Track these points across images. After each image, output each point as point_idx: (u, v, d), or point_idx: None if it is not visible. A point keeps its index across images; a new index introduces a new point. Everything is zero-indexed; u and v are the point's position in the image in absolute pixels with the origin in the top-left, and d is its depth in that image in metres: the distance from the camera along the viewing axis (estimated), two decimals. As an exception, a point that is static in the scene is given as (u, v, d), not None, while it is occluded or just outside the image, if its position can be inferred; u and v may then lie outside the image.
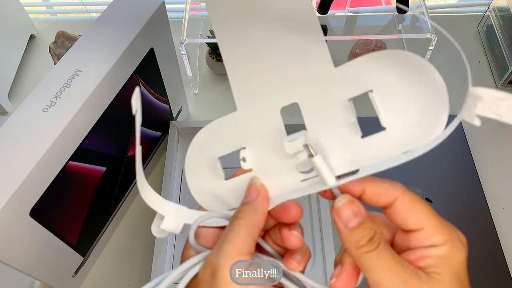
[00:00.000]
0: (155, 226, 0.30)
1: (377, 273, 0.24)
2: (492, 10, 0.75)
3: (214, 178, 0.31)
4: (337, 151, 0.27)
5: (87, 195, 0.48)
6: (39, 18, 0.89)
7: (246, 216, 0.27)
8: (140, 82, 0.50)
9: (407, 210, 0.26)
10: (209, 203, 0.31)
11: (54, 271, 0.47)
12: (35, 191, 0.39)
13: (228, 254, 0.25)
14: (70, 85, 0.41)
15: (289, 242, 0.28)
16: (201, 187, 0.31)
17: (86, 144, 0.43)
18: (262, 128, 0.29)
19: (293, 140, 0.27)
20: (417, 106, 0.25)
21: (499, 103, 0.22)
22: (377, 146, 0.27)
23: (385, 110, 0.26)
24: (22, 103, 0.40)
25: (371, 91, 0.26)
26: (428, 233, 0.25)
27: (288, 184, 0.29)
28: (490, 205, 0.57)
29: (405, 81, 0.25)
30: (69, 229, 0.47)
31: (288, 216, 0.28)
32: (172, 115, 0.62)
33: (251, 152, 0.29)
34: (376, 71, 0.26)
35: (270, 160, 0.29)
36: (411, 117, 0.26)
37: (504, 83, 0.71)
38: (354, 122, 0.27)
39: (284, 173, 0.29)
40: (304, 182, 0.29)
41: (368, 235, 0.25)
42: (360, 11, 0.86)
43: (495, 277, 0.52)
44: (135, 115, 0.25)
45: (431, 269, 0.24)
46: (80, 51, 0.44)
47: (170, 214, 0.30)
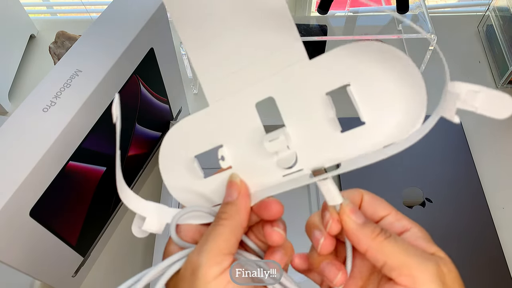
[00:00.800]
0: (136, 227, 0.30)
1: (401, 256, 0.25)
2: (492, 10, 0.75)
3: (193, 177, 0.30)
4: (316, 146, 0.27)
5: (87, 195, 0.48)
6: (39, 18, 0.89)
7: (228, 217, 0.27)
8: (140, 82, 0.50)
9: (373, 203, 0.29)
10: (190, 201, 0.31)
11: (54, 271, 0.47)
12: (35, 191, 0.39)
13: (209, 253, 0.25)
14: (70, 85, 0.41)
15: (271, 239, 0.28)
16: (180, 186, 0.30)
17: (86, 144, 0.43)
18: (238, 124, 0.28)
19: (274, 139, 0.27)
20: (395, 100, 0.25)
21: (474, 95, 0.22)
22: (357, 141, 0.26)
23: (364, 105, 0.26)
24: (22, 103, 0.40)
25: (349, 85, 0.26)
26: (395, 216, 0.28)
27: (269, 180, 0.29)
28: (490, 205, 0.57)
29: (382, 74, 0.25)
30: (69, 229, 0.47)
31: (268, 213, 0.28)
32: (172, 115, 0.62)
33: (229, 149, 0.29)
34: (353, 63, 0.25)
35: (249, 156, 0.29)
36: (390, 111, 0.25)
37: (504, 83, 0.71)
38: (333, 117, 0.27)
39: (265, 169, 0.29)
40: (285, 178, 0.28)
41: (378, 226, 0.26)
42: (360, 11, 0.86)
43: (495, 277, 0.52)
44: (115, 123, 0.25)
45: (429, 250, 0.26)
46: (80, 51, 0.44)
47: (151, 215, 0.30)
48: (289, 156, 0.28)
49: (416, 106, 0.25)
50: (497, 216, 0.57)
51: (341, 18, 0.81)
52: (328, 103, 0.27)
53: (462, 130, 0.64)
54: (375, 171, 0.60)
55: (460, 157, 0.62)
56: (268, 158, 0.28)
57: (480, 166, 0.61)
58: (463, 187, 0.59)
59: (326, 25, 0.69)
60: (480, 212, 0.57)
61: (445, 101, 0.23)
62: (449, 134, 0.64)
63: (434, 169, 0.60)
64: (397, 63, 0.24)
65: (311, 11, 0.86)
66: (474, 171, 0.60)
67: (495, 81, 0.73)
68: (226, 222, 0.27)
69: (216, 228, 0.27)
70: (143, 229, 0.30)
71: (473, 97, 0.22)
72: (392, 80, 0.25)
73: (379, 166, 0.60)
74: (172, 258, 0.28)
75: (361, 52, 0.25)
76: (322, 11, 0.68)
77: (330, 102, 0.27)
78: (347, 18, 0.80)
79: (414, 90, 0.24)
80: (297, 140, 0.28)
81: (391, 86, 0.25)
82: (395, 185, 0.58)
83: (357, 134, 0.26)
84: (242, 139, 0.29)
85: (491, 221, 0.56)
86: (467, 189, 0.59)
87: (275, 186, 0.29)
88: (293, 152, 0.28)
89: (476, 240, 0.54)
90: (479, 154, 0.63)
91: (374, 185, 0.58)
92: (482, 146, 0.64)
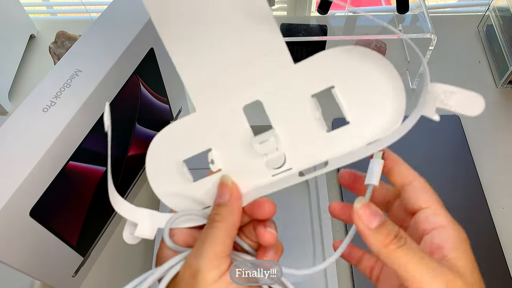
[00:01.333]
0: (128, 233, 0.30)
1: (411, 267, 0.24)
2: (492, 10, 0.75)
3: (182, 181, 0.30)
4: (304, 146, 0.28)
5: (87, 195, 0.48)
6: (39, 18, 0.89)
7: (222, 219, 0.28)
8: (140, 82, 0.50)
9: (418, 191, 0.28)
10: (180, 205, 0.31)
11: (54, 271, 0.47)
12: (35, 191, 0.39)
13: (207, 257, 0.26)
14: (70, 85, 0.41)
15: (263, 239, 0.28)
16: (169, 191, 0.31)
17: (86, 144, 0.43)
18: (226, 127, 0.29)
19: (264, 141, 0.28)
20: (376, 100, 0.27)
21: (450, 96, 0.24)
22: (343, 139, 0.28)
23: (348, 105, 0.27)
24: (22, 103, 0.40)
25: (333, 87, 0.27)
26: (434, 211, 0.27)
27: (259, 181, 0.29)
28: (490, 205, 0.57)
29: (363, 76, 0.26)
30: (69, 229, 0.47)
31: (262, 212, 0.29)
32: (172, 115, 0.62)
33: (218, 152, 0.29)
34: (336, 67, 0.27)
35: (238, 159, 0.29)
36: (372, 111, 0.27)
37: (504, 83, 0.71)
38: (320, 118, 0.28)
39: (254, 170, 0.29)
40: (274, 177, 0.29)
41: (393, 231, 0.25)
42: (360, 11, 0.86)
43: (495, 277, 0.52)
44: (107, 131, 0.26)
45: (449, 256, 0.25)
46: (80, 51, 0.44)
47: (143, 221, 0.30)
48: (278, 156, 0.29)
49: (396, 105, 0.26)
50: (497, 216, 0.57)
51: (341, 18, 0.81)
52: (314, 104, 0.28)
53: (462, 130, 0.64)
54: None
55: (460, 157, 0.62)
56: (257, 159, 0.29)
57: (480, 166, 0.61)
58: (463, 187, 0.59)
59: (326, 25, 0.69)
60: (480, 212, 0.57)
61: (424, 101, 0.25)
62: (449, 134, 0.64)
63: (434, 169, 0.60)
64: (377, 66, 0.26)
65: (311, 11, 0.86)
66: (474, 171, 0.60)
67: (495, 81, 0.73)
68: (221, 224, 0.27)
69: (211, 231, 0.27)
70: (136, 235, 0.30)
71: (449, 97, 0.24)
72: (373, 82, 0.26)
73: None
74: (172, 261, 0.28)
75: (344, 56, 0.26)
76: (322, 11, 0.68)
77: (316, 103, 0.28)
78: (347, 18, 0.80)
79: (394, 90, 0.26)
80: (285, 140, 0.29)
81: (373, 87, 0.27)
82: (395, 185, 0.58)
83: (342, 133, 0.28)
84: (230, 142, 0.29)
85: (491, 221, 0.56)
86: (467, 189, 0.59)
87: (266, 186, 0.29)
88: (282, 152, 0.29)
89: (476, 240, 0.54)
90: (479, 154, 0.63)
91: (374, 185, 0.58)
92: (482, 146, 0.64)
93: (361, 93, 0.27)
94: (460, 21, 0.83)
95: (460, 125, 0.65)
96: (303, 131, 0.28)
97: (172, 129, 0.30)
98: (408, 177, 0.28)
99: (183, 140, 0.30)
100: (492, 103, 0.70)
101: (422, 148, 0.62)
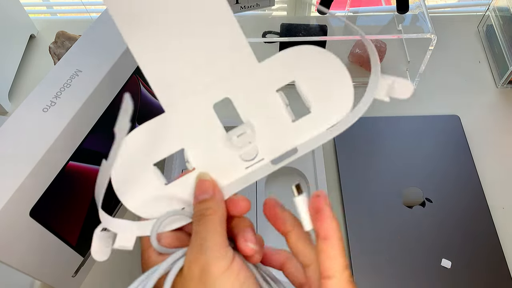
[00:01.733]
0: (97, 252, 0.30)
1: None
2: (492, 10, 0.75)
3: (156, 186, 0.30)
4: (274, 136, 0.30)
5: (87, 195, 0.48)
6: (39, 18, 0.89)
7: (213, 212, 0.28)
8: (140, 82, 0.50)
9: None
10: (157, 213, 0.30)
11: (54, 271, 0.47)
12: (35, 191, 0.39)
13: (213, 249, 0.26)
14: (70, 85, 0.41)
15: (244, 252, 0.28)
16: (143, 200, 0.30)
17: (86, 144, 0.43)
18: (198, 126, 0.30)
19: (242, 133, 0.29)
20: (330, 90, 0.30)
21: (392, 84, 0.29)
22: (307, 127, 0.30)
23: (308, 96, 0.30)
24: (22, 103, 0.40)
25: (294, 82, 0.30)
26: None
27: (234, 174, 0.30)
28: (490, 205, 0.57)
29: (318, 71, 0.29)
30: (69, 229, 0.47)
31: (238, 209, 0.29)
32: (172, 115, 0.62)
33: (191, 151, 0.30)
34: (295, 64, 0.29)
35: (212, 155, 0.30)
36: (327, 99, 0.30)
37: (504, 83, 0.71)
38: (286, 109, 0.30)
39: (229, 165, 0.30)
40: (248, 169, 0.30)
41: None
42: (360, 11, 0.86)
43: (495, 277, 0.52)
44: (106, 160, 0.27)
45: None
46: (80, 51, 0.44)
47: (122, 231, 0.30)
48: (252, 148, 0.30)
49: (345, 93, 0.30)
50: (497, 216, 0.57)
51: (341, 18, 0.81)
52: (280, 97, 0.30)
53: (462, 130, 0.64)
54: (375, 171, 0.60)
55: (460, 157, 0.62)
56: (231, 154, 0.30)
57: (480, 166, 0.61)
58: (463, 187, 0.59)
59: (326, 25, 0.69)
60: (480, 212, 0.57)
61: (376, 87, 0.29)
62: (449, 134, 0.64)
63: (434, 169, 0.60)
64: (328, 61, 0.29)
65: (311, 11, 0.86)
66: (474, 171, 0.60)
67: (495, 81, 0.73)
68: (213, 217, 0.28)
69: (208, 225, 0.27)
70: (115, 247, 0.30)
71: (392, 85, 0.29)
72: (326, 75, 0.29)
73: (379, 166, 0.60)
74: (176, 255, 0.28)
75: (300, 54, 0.29)
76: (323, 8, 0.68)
77: (282, 96, 0.30)
78: (347, 18, 0.80)
79: (343, 81, 0.29)
80: (257, 133, 0.30)
81: (325, 80, 0.30)
82: (395, 185, 0.58)
83: (306, 122, 0.30)
84: (203, 140, 0.30)
85: (491, 221, 0.56)
86: (467, 189, 0.59)
87: (241, 179, 0.30)
88: (255, 144, 0.30)
89: (476, 240, 0.54)
90: (479, 154, 0.63)
91: (374, 185, 0.58)
92: (482, 146, 0.64)
93: (318, 85, 0.30)
94: (460, 21, 0.82)
95: (460, 125, 0.65)
96: (272, 123, 0.30)
97: (138, 134, 0.30)
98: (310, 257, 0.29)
99: (152, 144, 0.30)
100: (492, 103, 0.70)
101: (422, 148, 0.62)
